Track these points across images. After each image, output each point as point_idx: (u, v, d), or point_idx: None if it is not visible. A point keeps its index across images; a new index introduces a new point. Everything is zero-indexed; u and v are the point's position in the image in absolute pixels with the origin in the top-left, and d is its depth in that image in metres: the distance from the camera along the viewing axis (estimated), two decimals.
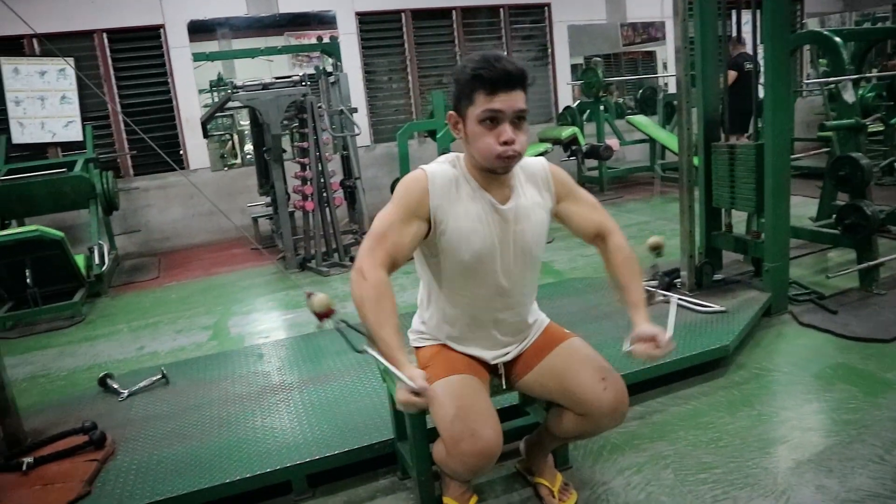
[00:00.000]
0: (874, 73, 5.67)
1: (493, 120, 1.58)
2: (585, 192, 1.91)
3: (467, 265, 1.71)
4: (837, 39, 3.76)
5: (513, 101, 1.58)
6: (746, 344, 3.03)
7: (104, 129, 6.65)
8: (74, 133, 6.28)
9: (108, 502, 2.01)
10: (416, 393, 1.44)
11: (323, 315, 1.71)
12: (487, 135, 1.59)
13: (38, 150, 6.28)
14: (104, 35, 6.56)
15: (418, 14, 7.72)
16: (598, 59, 8.23)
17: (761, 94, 3.37)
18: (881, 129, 6.10)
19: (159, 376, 2.96)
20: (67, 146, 6.33)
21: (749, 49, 3.71)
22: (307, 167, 5.27)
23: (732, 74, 6.25)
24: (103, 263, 5.18)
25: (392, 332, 1.54)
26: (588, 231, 1.87)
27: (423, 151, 7.62)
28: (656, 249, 2.79)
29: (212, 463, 2.19)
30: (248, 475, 2.10)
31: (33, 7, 5.96)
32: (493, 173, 1.68)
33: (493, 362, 1.87)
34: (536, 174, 1.81)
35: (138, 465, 2.23)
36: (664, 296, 3.00)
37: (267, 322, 4.18)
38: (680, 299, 3.33)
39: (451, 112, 1.68)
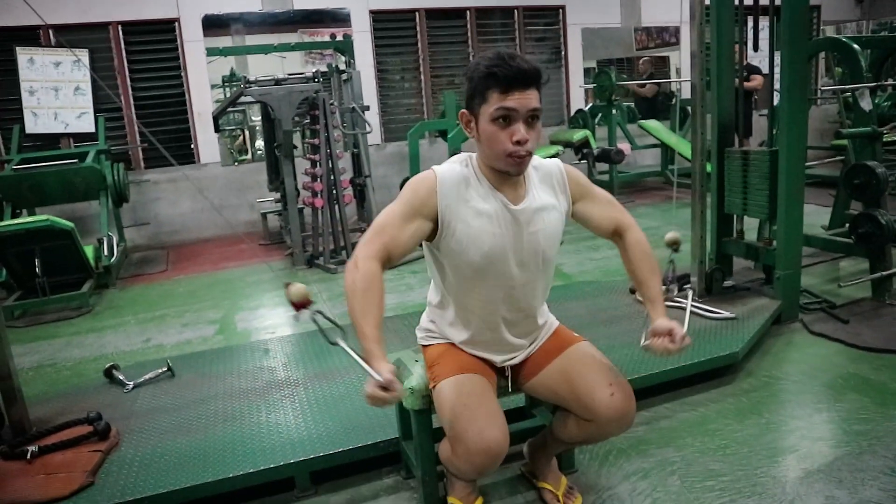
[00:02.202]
0: (890, 81, 5.61)
1: (506, 119, 1.56)
2: (600, 189, 1.89)
3: (478, 266, 1.68)
4: (856, 47, 3.73)
5: (527, 99, 1.55)
6: (756, 351, 3.00)
7: (117, 120, 6.68)
8: (87, 124, 6.31)
9: (111, 493, 2.01)
10: (385, 388, 1.42)
11: (299, 305, 1.70)
12: (500, 133, 1.57)
13: (50, 140, 6.32)
14: (119, 27, 6.59)
15: (432, 13, 7.72)
16: (611, 68, 8.20)
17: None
18: None
19: (165, 369, 2.95)
20: (80, 137, 6.36)
21: (766, 56, 3.67)
22: (317, 164, 5.27)
23: (759, 79, 6.22)
24: (112, 255, 5.19)
25: (373, 323, 1.53)
26: (606, 228, 1.86)
27: (433, 151, 7.61)
28: (674, 245, 2.80)
29: (215, 457, 2.19)
30: (251, 470, 2.09)
31: None
32: (506, 174, 1.66)
33: (500, 364, 1.86)
34: (552, 175, 1.78)
35: (142, 456, 2.23)
36: (681, 293, 3.02)
37: (273, 318, 4.18)
38: (689, 305, 3.30)
39: (464, 111, 1.66)
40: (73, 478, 2.05)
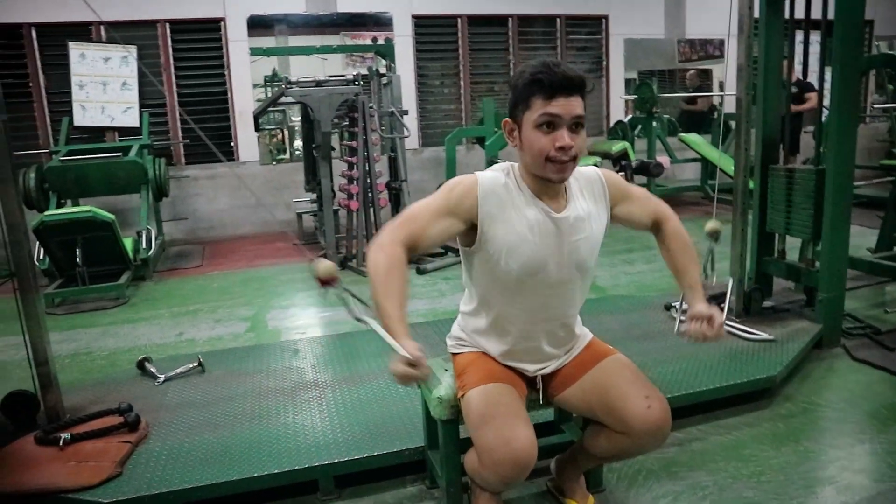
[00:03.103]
0: None
1: (549, 125, 1.55)
2: (636, 187, 1.88)
3: (517, 275, 1.66)
4: None
5: (571, 106, 1.55)
6: (795, 376, 2.91)
7: (160, 116, 6.81)
8: (132, 119, 6.45)
9: (137, 485, 2.03)
10: (412, 364, 1.41)
11: (325, 281, 1.70)
12: (543, 139, 1.56)
13: (97, 134, 6.47)
14: (167, 25, 6.72)
15: (474, 20, 7.71)
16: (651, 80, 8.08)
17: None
18: None
19: (196, 364, 2.98)
20: (124, 131, 6.50)
21: (816, 72, 3.57)
22: (354, 166, 5.29)
23: (814, 97, 6.08)
24: (150, 248, 5.29)
25: (396, 304, 1.52)
26: (646, 222, 1.87)
27: (470, 158, 7.60)
28: (714, 234, 2.85)
29: (241, 455, 2.19)
30: (276, 471, 2.09)
31: None
32: (548, 182, 1.63)
33: (533, 374, 1.83)
34: (592, 183, 1.77)
35: (169, 450, 2.24)
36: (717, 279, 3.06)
37: (305, 318, 4.20)
38: (726, 325, 3.22)
39: (507, 119, 1.65)
40: (103, 468, 2.08)
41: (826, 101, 3.19)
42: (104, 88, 6.39)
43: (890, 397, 2.71)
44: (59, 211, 4.84)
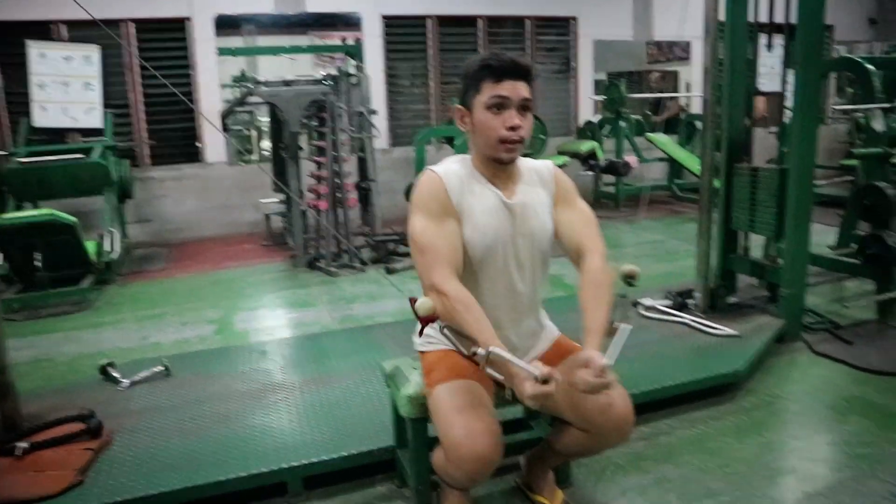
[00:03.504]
0: None
1: (499, 106, 1.64)
2: (584, 204, 1.86)
3: (480, 258, 1.71)
4: (871, 67, 3.70)
5: (518, 89, 1.64)
6: (758, 370, 2.96)
7: (124, 117, 6.68)
8: (95, 120, 6.31)
9: (100, 493, 1.98)
10: (545, 381, 1.38)
11: (427, 319, 1.66)
12: (493, 120, 1.65)
13: (58, 135, 6.31)
14: (132, 24, 6.59)
15: (444, 21, 7.72)
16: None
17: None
18: None
19: (161, 368, 2.93)
20: (87, 132, 6.35)
21: (779, 74, 3.65)
22: (323, 166, 5.26)
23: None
24: (114, 251, 5.18)
25: (493, 334, 1.52)
26: (572, 244, 1.78)
27: (439, 157, 7.48)
28: (630, 278, 2.63)
29: (208, 459, 2.16)
30: (243, 474, 2.07)
31: None
32: (499, 162, 1.71)
33: None
34: (542, 173, 1.84)
35: (134, 456, 2.20)
36: (618, 323, 2.80)
37: (273, 319, 4.16)
38: (692, 321, 3.28)
39: (458, 106, 1.73)
40: (63, 476, 2.03)
41: (788, 104, 3.26)
42: (66, 89, 6.24)
43: (848, 389, 2.78)
44: (18, 214, 4.72)
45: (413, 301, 1.62)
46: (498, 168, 1.73)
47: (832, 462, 2.27)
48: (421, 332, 1.77)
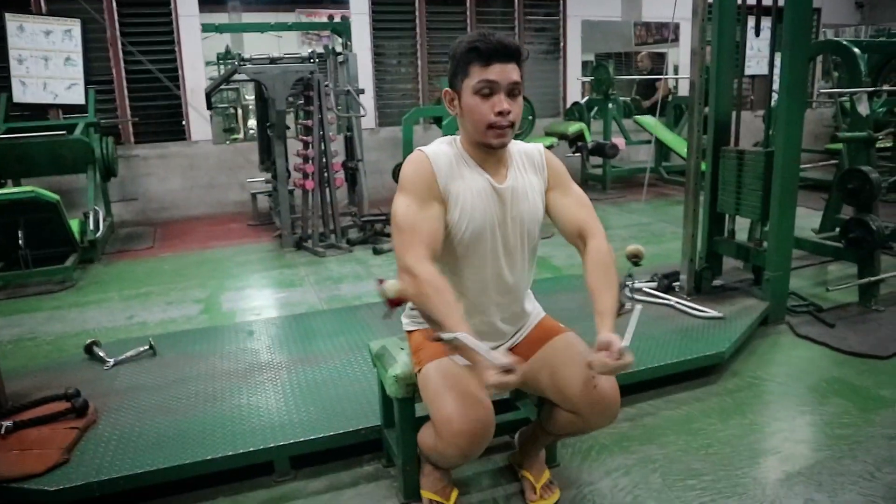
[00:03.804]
0: (886, 87, 5.62)
1: (487, 90, 1.61)
2: (577, 187, 1.87)
3: (468, 242, 1.71)
4: (856, 50, 3.71)
5: (507, 72, 1.61)
6: (742, 352, 3.00)
7: (107, 93, 6.57)
8: (77, 96, 6.19)
9: (86, 471, 1.98)
10: (508, 371, 1.37)
11: (395, 302, 1.65)
12: (482, 105, 1.63)
13: (38, 111, 6.20)
14: None
15: None
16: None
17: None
18: (889, 144, 6.06)
19: (147, 347, 2.92)
20: (69, 109, 6.24)
21: (766, 56, 3.66)
22: (310, 146, 5.21)
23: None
24: (98, 230, 5.12)
25: (460, 319, 1.50)
26: (571, 227, 1.80)
27: (427, 138, 7.55)
28: (635, 258, 2.66)
29: (194, 438, 2.16)
30: (230, 453, 2.07)
31: None
32: (489, 148, 1.69)
33: None
34: (533, 157, 1.82)
35: (119, 435, 2.19)
36: (631, 304, 2.87)
37: (259, 299, 4.14)
38: (677, 303, 3.30)
39: (447, 89, 1.71)
40: (48, 455, 2.02)
41: (775, 86, 3.27)
42: (46, 63, 6.12)
43: (829, 371, 2.82)
44: None
45: (380, 282, 1.62)
46: (488, 152, 1.71)
47: (812, 443, 2.31)
48: (388, 315, 1.75)
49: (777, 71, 3.20)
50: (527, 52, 1.67)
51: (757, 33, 3.43)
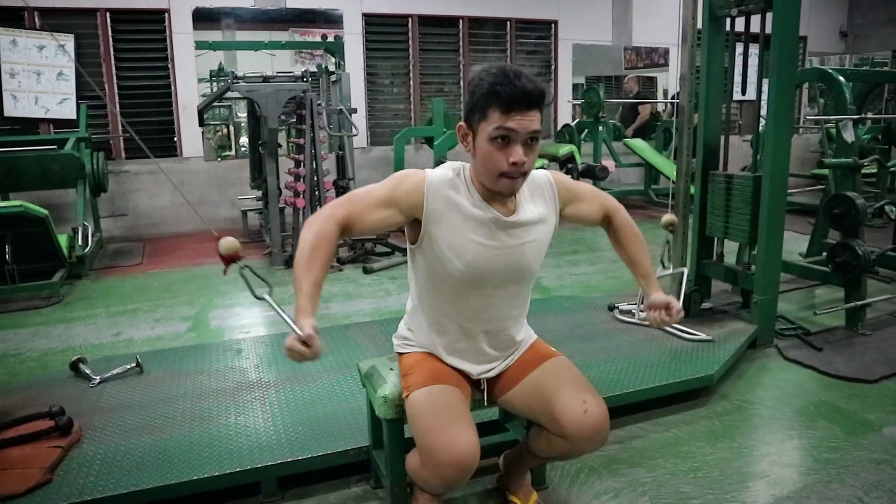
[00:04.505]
0: (870, 114, 5.72)
1: (504, 139, 1.53)
2: (582, 184, 1.91)
3: (461, 275, 1.67)
4: (842, 79, 3.78)
5: (528, 121, 1.52)
6: (730, 375, 3.01)
7: (99, 109, 6.56)
8: (68, 111, 6.20)
9: (68, 492, 1.94)
10: (305, 343, 1.42)
11: (228, 258, 1.66)
12: (497, 154, 1.55)
13: (29, 125, 6.19)
14: (107, 14, 6.48)
15: (425, 20, 7.72)
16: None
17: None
18: (874, 171, 6.15)
19: (134, 364, 2.89)
20: (60, 123, 6.24)
21: (754, 83, 3.72)
22: (301, 164, 5.22)
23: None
24: (86, 245, 5.09)
25: (312, 280, 1.52)
26: (596, 218, 1.91)
27: (418, 157, 7.60)
28: (670, 226, 3.13)
29: (180, 458, 2.13)
30: (216, 473, 2.04)
31: None
32: (498, 194, 1.64)
33: (476, 377, 1.83)
34: (542, 187, 1.77)
35: (104, 454, 2.16)
36: (672, 269, 3.40)
37: (248, 317, 4.12)
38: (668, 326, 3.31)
39: (462, 123, 1.63)
40: (30, 474, 1.98)
41: (763, 112, 3.32)
42: (38, 78, 6.13)
43: (817, 395, 2.84)
44: None
45: (218, 238, 1.64)
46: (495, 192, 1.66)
47: (800, 467, 2.31)
48: (224, 272, 1.76)
49: (765, 97, 3.25)
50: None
51: (745, 63, 3.49)
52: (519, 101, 1.50)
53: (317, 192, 5.27)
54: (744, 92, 3.57)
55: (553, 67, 8.51)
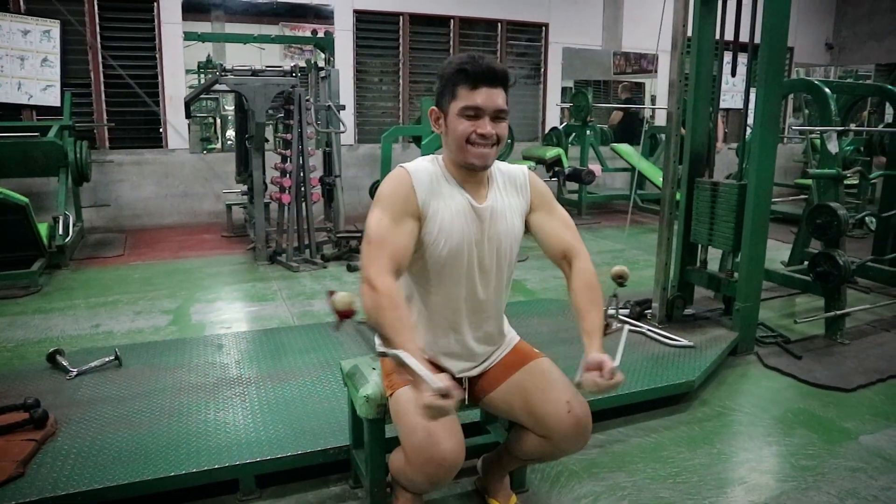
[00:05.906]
0: (853, 126, 5.80)
1: (473, 115, 1.63)
2: (562, 209, 1.89)
3: (444, 261, 1.70)
4: (828, 91, 3.82)
5: (494, 97, 1.62)
6: (711, 381, 3.03)
7: (84, 97, 6.47)
8: (52, 98, 6.11)
9: (41, 486, 1.91)
10: (445, 395, 1.34)
11: (343, 315, 1.62)
12: (466, 124, 1.64)
13: (11, 111, 6.09)
14: (95, 1, 6.39)
15: (417, 19, 7.70)
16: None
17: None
18: (856, 182, 6.24)
19: (112, 357, 2.85)
20: (44, 110, 6.14)
21: (742, 91, 3.75)
22: (288, 159, 5.19)
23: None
24: (67, 235, 5.02)
25: (411, 338, 1.48)
26: (556, 249, 1.82)
27: (406, 156, 7.57)
28: (620, 279, 2.72)
29: (158, 454, 2.11)
30: (194, 470, 2.02)
31: None
32: (471, 169, 1.69)
33: (458, 375, 1.83)
34: (516, 178, 1.83)
35: (79, 448, 2.13)
36: (618, 324, 3.00)
37: (230, 312, 4.08)
38: (649, 330, 3.33)
39: (433, 108, 1.72)
40: (2, 467, 1.95)
41: (750, 121, 3.34)
42: (22, 63, 6.03)
43: (795, 403, 2.86)
44: None
45: (331, 294, 1.61)
46: (469, 172, 1.72)
47: (778, 473, 2.33)
48: (337, 327, 1.74)
49: (752, 105, 3.27)
50: (514, 78, 1.70)
51: (733, 73, 3.51)
52: (484, 76, 1.61)
53: (303, 188, 5.24)
54: (733, 73, 3.56)
55: (543, 70, 8.53)
